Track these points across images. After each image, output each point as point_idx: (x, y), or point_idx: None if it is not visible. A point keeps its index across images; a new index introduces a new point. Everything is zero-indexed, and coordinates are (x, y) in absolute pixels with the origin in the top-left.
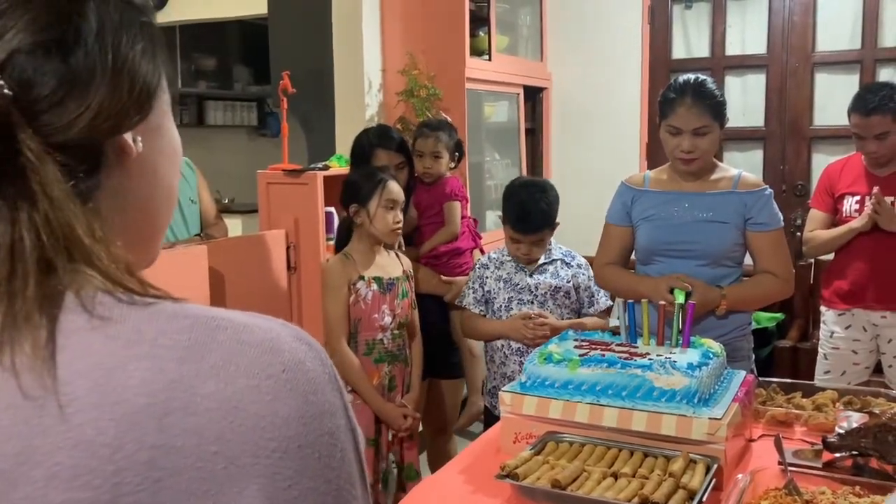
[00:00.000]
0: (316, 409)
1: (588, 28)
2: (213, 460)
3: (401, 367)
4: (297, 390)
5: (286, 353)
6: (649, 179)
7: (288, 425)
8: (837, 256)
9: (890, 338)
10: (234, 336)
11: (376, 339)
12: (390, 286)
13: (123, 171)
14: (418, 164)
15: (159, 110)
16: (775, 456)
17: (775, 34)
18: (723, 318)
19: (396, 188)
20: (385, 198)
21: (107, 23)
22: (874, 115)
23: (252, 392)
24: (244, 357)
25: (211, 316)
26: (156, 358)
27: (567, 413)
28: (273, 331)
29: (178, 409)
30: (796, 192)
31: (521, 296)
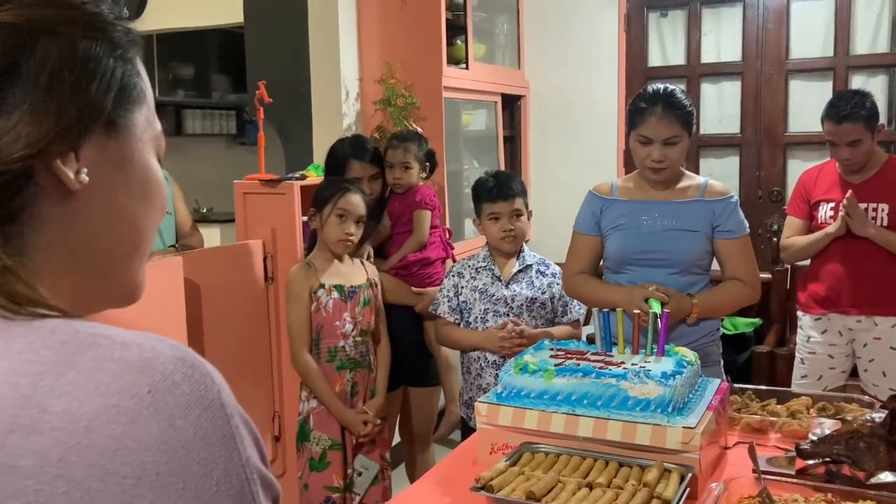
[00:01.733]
0: (183, 436)
1: (565, 36)
2: (53, 483)
3: (363, 373)
4: (161, 413)
5: (158, 373)
6: (617, 188)
7: (146, 450)
8: (813, 262)
9: (865, 342)
10: (104, 353)
11: (338, 347)
12: (352, 294)
13: (70, 202)
14: (389, 175)
15: (125, 144)
16: (750, 463)
17: (749, 42)
18: (693, 326)
19: (354, 200)
20: (338, 206)
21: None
22: (846, 122)
23: (108, 412)
24: (107, 375)
25: (92, 333)
26: (12, 373)
27: (543, 423)
28: (153, 350)
29: (23, 427)
30: (772, 197)
31: (497, 307)
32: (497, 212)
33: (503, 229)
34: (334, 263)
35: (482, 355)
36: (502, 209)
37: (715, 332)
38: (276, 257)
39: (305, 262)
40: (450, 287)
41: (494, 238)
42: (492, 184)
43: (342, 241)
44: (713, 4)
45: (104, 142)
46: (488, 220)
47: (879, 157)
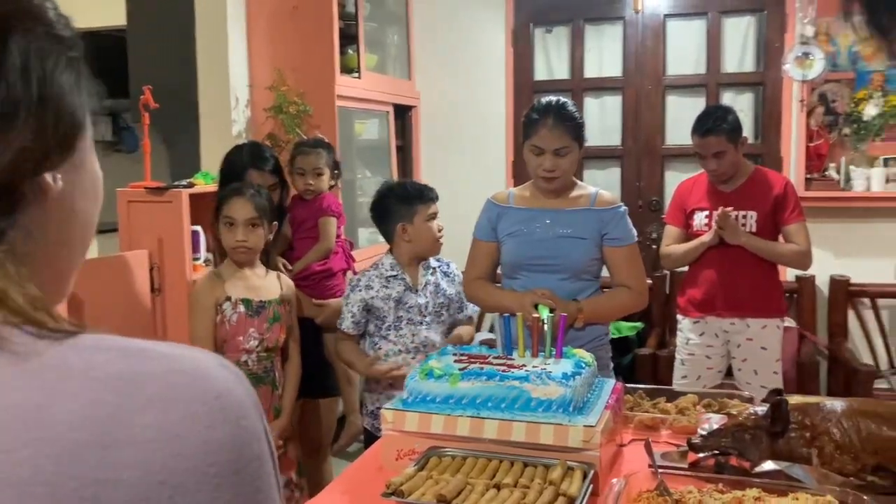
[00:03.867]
0: (246, 435)
1: (454, 49)
2: (159, 490)
3: (266, 390)
4: (229, 416)
5: (217, 379)
6: (513, 196)
7: (225, 451)
8: (690, 268)
9: (738, 343)
10: (165, 365)
11: (240, 361)
12: (260, 309)
13: (41, 210)
14: (299, 182)
15: (83, 147)
16: (645, 459)
17: (630, 59)
18: (580, 330)
19: (238, 205)
20: (224, 214)
21: (32, 57)
22: (709, 135)
23: (190, 420)
24: (178, 386)
25: (135, 347)
26: (90, 391)
27: (448, 427)
28: (199, 359)
29: (119, 442)
30: (651, 207)
31: (412, 315)
32: (434, 212)
33: (440, 229)
34: (245, 275)
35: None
36: (435, 210)
37: (604, 337)
38: (164, 268)
39: (214, 273)
40: (356, 301)
41: (431, 239)
42: (420, 187)
43: (236, 250)
44: (595, 21)
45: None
46: (428, 221)
47: (747, 168)
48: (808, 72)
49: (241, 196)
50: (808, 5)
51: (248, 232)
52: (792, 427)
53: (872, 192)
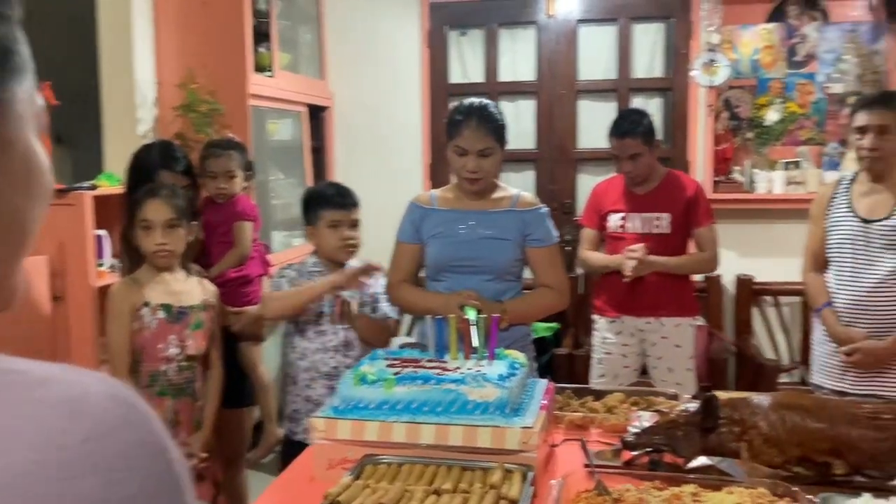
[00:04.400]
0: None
1: (369, 49)
2: None
3: (187, 401)
4: (99, 467)
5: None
6: (436, 198)
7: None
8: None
9: (654, 341)
10: (25, 394)
11: (159, 371)
12: (181, 315)
13: None
14: (211, 186)
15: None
16: (578, 459)
17: (543, 63)
18: (505, 331)
19: (153, 207)
20: (140, 218)
21: None
22: (626, 138)
23: (36, 468)
24: (33, 422)
25: (2, 368)
26: None
27: (384, 434)
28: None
29: None
30: (564, 209)
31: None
32: (338, 220)
33: (343, 238)
34: (165, 280)
35: (312, 366)
36: (343, 217)
37: (526, 338)
38: (66, 274)
39: (131, 278)
40: (291, 277)
41: (333, 246)
42: (333, 191)
43: (157, 254)
44: (509, 26)
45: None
46: (328, 227)
47: (660, 171)
48: (713, 78)
49: (156, 197)
50: (713, 14)
51: (168, 234)
52: (722, 422)
53: (774, 194)
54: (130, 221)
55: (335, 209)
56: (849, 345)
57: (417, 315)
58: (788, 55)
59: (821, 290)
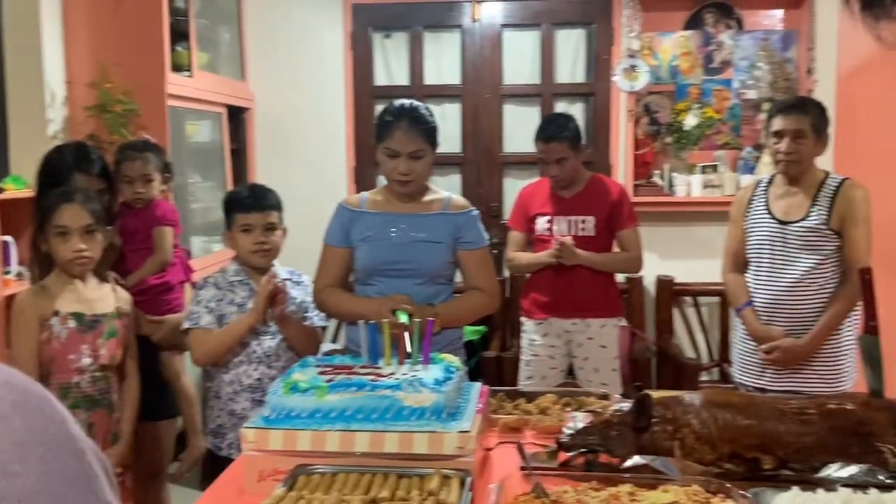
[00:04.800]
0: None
1: (291, 50)
2: None
3: (102, 413)
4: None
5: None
6: (366, 201)
7: None
8: (534, 273)
9: (580, 342)
10: None
11: (72, 383)
12: (93, 323)
13: None
14: (127, 191)
15: None
16: (513, 462)
17: (468, 67)
18: (436, 335)
19: (70, 212)
20: (55, 224)
21: None
22: (553, 142)
23: None
24: None
25: None
26: None
27: (317, 443)
28: None
29: None
30: (491, 212)
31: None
32: (250, 223)
33: (255, 241)
34: (76, 287)
35: (236, 379)
36: (256, 221)
37: (458, 341)
38: None
39: (39, 286)
40: (210, 297)
41: (245, 251)
42: (246, 194)
43: (74, 261)
44: (434, 29)
45: None
46: (240, 231)
47: (585, 175)
48: (634, 83)
49: (71, 202)
50: (633, 21)
51: (86, 240)
52: (655, 421)
53: (692, 197)
54: (41, 227)
55: (248, 212)
56: (768, 343)
57: (347, 320)
58: (705, 62)
59: (741, 290)
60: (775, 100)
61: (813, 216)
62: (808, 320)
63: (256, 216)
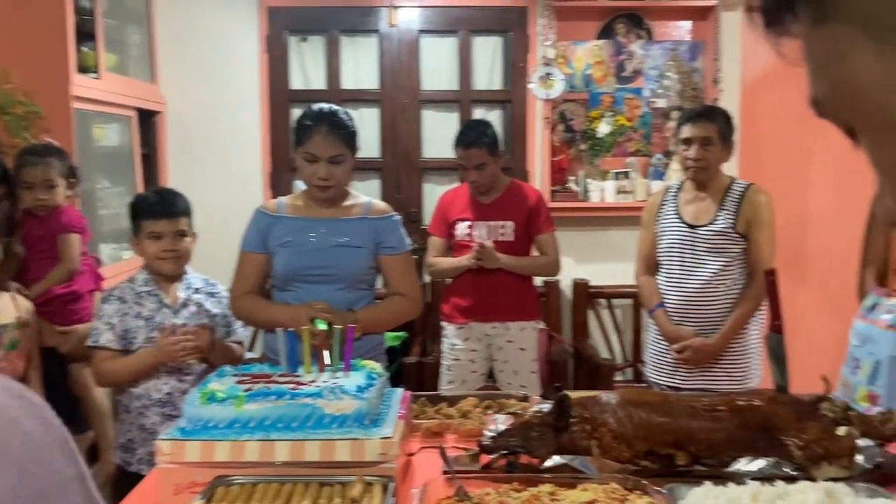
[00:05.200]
0: (38, 484)
1: (204, 53)
2: None
3: None
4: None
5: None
6: (284, 206)
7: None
8: (455, 278)
9: (500, 346)
10: None
11: None
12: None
13: None
14: (28, 197)
15: None
16: (436, 467)
17: (386, 73)
18: (357, 341)
19: None
20: None
21: None
22: (472, 148)
23: None
24: None
25: None
26: None
27: (235, 454)
28: None
29: None
30: (411, 218)
31: None
32: (158, 231)
33: (164, 249)
34: None
35: (146, 392)
36: (164, 228)
37: (379, 347)
38: None
39: None
40: (112, 313)
41: (152, 258)
42: (154, 199)
43: None
44: (351, 33)
45: None
46: (148, 238)
47: (504, 181)
48: (549, 91)
49: None
50: (549, 30)
51: None
52: (574, 421)
53: (606, 202)
54: None
55: (156, 219)
56: (679, 342)
57: (264, 328)
58: (617, 71)
59: (653, 292)
60: (684, 108)
61: (720, 220)
62: (717, 320)
63: (165, 223)
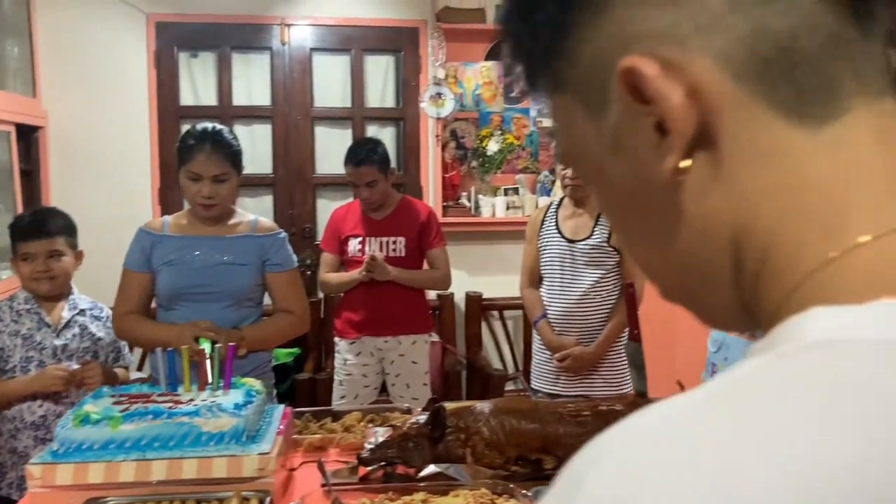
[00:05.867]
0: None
1: (89, 67)
2: None
3: None
4: None
5: None
6: (168, 224)
7: None
8: (346, 292)
9: (392, 359)
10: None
11: None
12: None
13: None
14: None
15: None
16: (316, 480)
17: (278, 89)
18: (243, 358)
19: None
20: None
21: None
22: (362, 165)
23: None
24: None
25: None
26: None
27: (110, 475)
28: None
29: None
30: (304, 234)
31: (44, 357)
32: (30, 251)
33: (36, 270)
34: None
35: (19, 415)
36: (37, 248)
37: (266, 364)
38: None
39: None
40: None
41: (26, 279)
42: (28, 220)
43: None
44: (242, 50)
45: None
46: (22, 259)
47: (395, 197)
48: (440, 110)
49: None
50: (439, 50)
51: None
52: (449, 430)
53: (497, 217)
54: None
55: (27, 240)
56: (561, 351)
57: (148, 348)
58: (505, 91)
59: (536, 304)
60: None
61: (596, 235)
62: (596, 329)
63: (37, 244)
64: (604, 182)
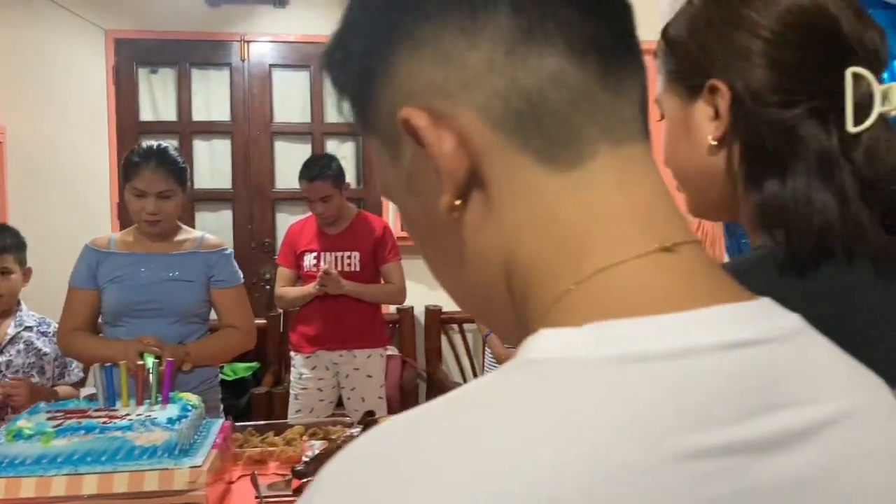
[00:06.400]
0: None
1: (47, 81)
2: None
3: None
4: None
5: None
6: (115, 241)
7: None
8: (302, 307)
9: (347, 373)
10: None
11: None
12: None
13: None
14: None
15: None
16: (254, 492)
17: (238, 104)
18: (188, 374)
19: None
20: None
21: None
22: (317, 181)
23: None
24: None
25: None
26: None
27: (41, 489)
28: None
29: None
30: (264, 248)
31: None
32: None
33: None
34: None
35: None
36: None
37: (213, 379)
38: None
39: None
40: None
41: None
42: None
43: None
44: (202, 66)
45: None
46: None
47: (351, 212)
48: None
49: None
50: None
51: None
52: None
53: None
54: None
55: None
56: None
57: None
58: None
59: None
60: None
61: None
62: None
63: None
64: (408, 216)
